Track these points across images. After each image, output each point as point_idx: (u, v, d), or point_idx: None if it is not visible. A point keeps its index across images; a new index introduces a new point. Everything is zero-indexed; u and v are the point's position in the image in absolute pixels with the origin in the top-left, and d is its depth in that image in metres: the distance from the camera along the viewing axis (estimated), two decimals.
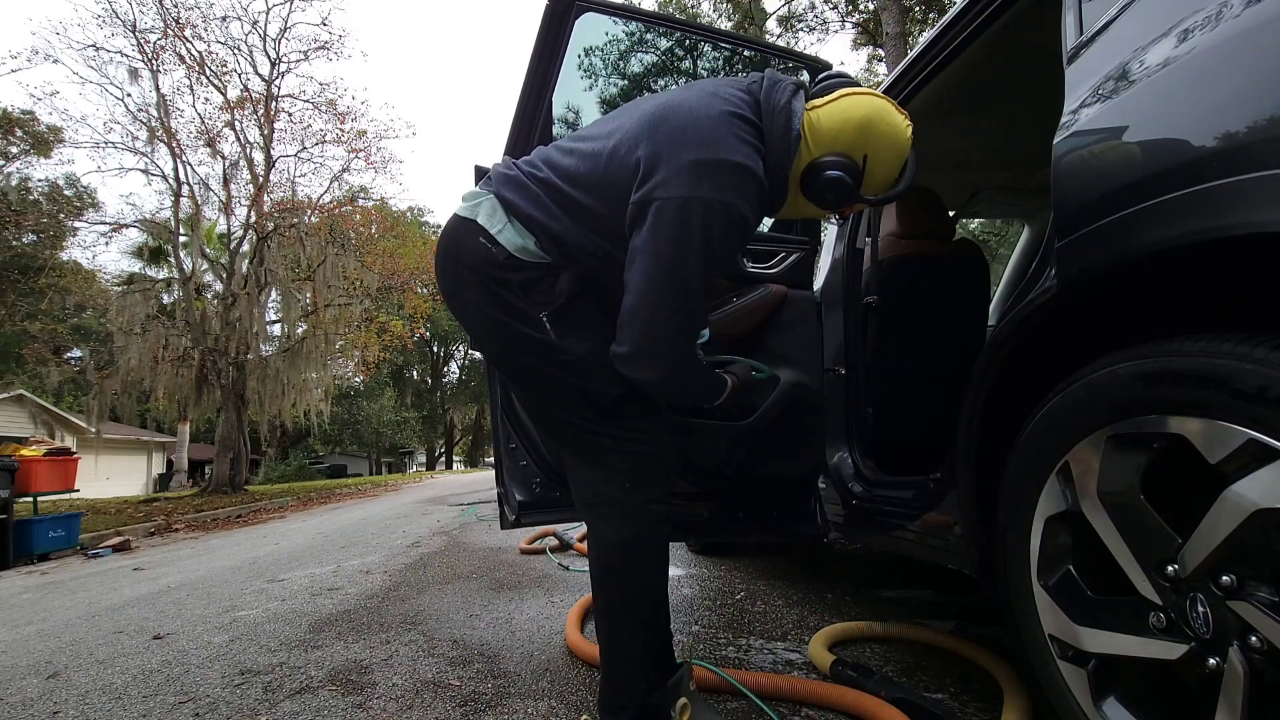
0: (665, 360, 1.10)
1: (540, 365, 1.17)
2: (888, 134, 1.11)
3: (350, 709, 1.47)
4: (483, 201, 1.18)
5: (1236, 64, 0.74)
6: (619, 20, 1.85)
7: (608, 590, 1.18)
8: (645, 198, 1.05)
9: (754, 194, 1.07)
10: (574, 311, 1.17)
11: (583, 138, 1.19)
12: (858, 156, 1.11)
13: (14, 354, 16.45)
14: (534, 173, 1.18)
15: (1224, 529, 0.72)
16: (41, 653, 2.21)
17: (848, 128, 1.11)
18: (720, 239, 1.05)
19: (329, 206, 12.61)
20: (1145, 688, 0.88)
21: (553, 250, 1.15)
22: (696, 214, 1.02)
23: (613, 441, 1.17)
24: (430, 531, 4.95)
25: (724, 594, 2.36)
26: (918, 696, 1.27)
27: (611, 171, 1.10)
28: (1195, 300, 0.95)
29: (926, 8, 12.56)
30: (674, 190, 1.03)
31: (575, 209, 1.13)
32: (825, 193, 1.12)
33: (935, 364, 1.99)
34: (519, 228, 1.15)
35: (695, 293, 1.08)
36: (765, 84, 1.14)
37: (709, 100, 1.09)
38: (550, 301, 1.15)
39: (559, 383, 1.18)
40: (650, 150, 1.06)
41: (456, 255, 1.18)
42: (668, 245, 1.04)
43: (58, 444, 6.59)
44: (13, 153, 15.46)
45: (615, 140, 1.11)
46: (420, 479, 17.25)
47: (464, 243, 1.17)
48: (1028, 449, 1.02)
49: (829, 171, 1.10)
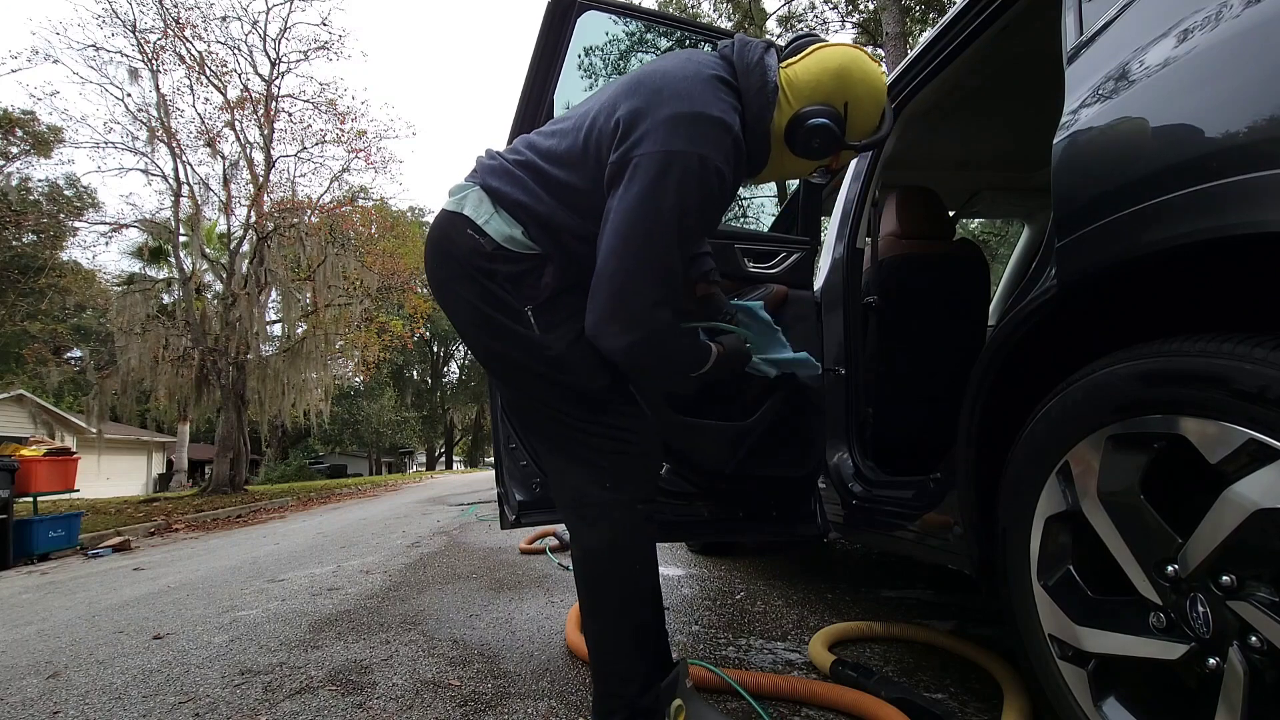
0: (636, 327, 1.05)
1: (525, 361, 1.16)
2: (864, 80, 1.13)
3: (350, 709, 1.47)
4: (469, 193, 1.17)
5: (1236, 64, 0.74)
6: (620, 20, 1.85)
7: (594, 594, 1.17)
8: (622, 157, 1.04)
9: (730, 150, 1.06)
10: (558, 306, 1.15)
11: (563, 119, 1.20)
12: (838, 104, 1.12)
13: (14, 354, 16.44)
14: (516, 158, 1.18)
15: (1224, 529, 0.72)
16: (41, 653, 2.21)
17: (824, 77, 1.12)
18: (695, 194, 1.03)
19: (329, 206, 12.61)
20: (1145, 688, 0.88)
21: (541, 238, 1.14)
22: (673, 167, 1.01)
23: (597, 439, 1.16)
24: (430, 531, 4.95)
25: (724, 594, 2.36)
26: (918, 696, 1.27)
27: (591, 141, 1.10)
28: (1195, 300, 0.95)
29: (926, 8, 12.56)
30: (650, 146, 1.02)
31: (558, 188, 1.13)
32: (812, 140, 1.12)
33: (935, 364, 1.99)
34: (506, 217, 1.14)
35: (668, 252, 1.05)
36: (736, 45, 1.16)
37: (684, 63, 1.11)
38: (535, 296, 1.14)
39: (543, 379, 1.16)
40: (627, 110, 1.06)
41: (445, 249, 1.17)
42: (640, 201, 1.02)
43: (58, 444, 6.59)
44: (13, 153, 15.46)
45: (593, 112, 1.11)
46: (420, 479, 17.25)
47: (452, 235, 1.16)
48: (1028, 449, 1.02)
49: (812, 120, 1.11)
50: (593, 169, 1.10)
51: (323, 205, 12.55)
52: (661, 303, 1.06)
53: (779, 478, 1.81)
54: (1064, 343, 1.08)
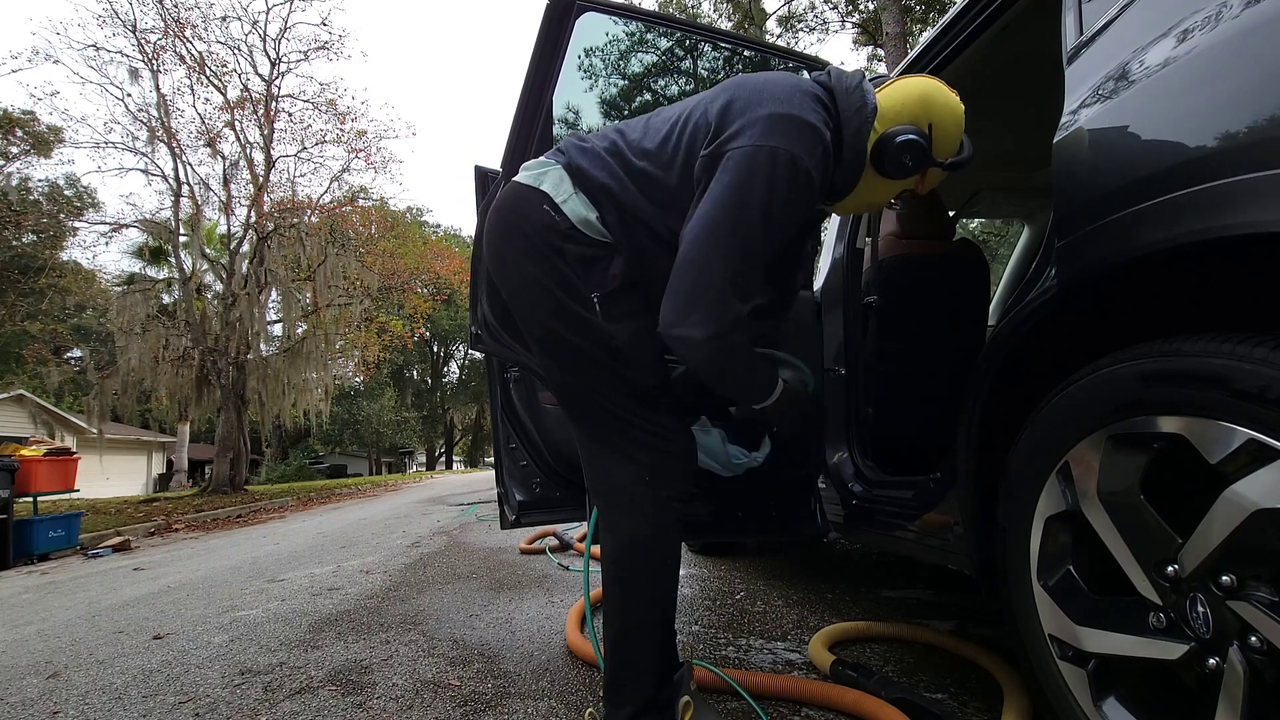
0: (714, 319, 1.04)
1: (583, 345, 1.15)
2: (945, 104, 1.16)
3: (350, 709, 1.47)
4: (549, 170, 1.18)
5: (1236, 64, 0.74)
6: (619, 20, 1.85)
7: (623, 586, 1.17)
8: (716, 150, 1.07)
9: (820, 158, 1.09)
10: (623, 300, 1.16)
11: (654, 116, 1.23)
12: (923, 125, 1.15)
13: (14, 354, 16.44)
14: (606, 145, 1.20)
15: (1224, 529, 0.72)
16: (41, 653, 2.21)
17: (909, 102, 1.16)
18: (785, 190, 1.05)
19: (329, 206, 12.61)
20: (1145, 688, 0.88)
21: (615, 226, 1.16)
22: (763, 161, 1.03)
23: (642, 435, 1.16)
24: (430, 531, 4.95)
25: (724, 594, 2.36)
26: (918, 696, 1.27)
27: (684, 137, 1.13)
28: (1195, 300, 0.95)
29: (926, 8, 12.56)
30: (746, 140, 1.05)
31: (644, 179, 1.15)
32: (902, 156, 1.14)
33: (935, 364, 1.99)
34: (584, 199, 1.16)
35: (753, 249, 1.06)
36: (833, 73, 1.20)
37: (786, 76, 1.17)
38: (604, 284, 1.15)
39: (600, 366, 1.16)
40: (725, 108, 1.10)
41: (515, 221, 1.18)
42: (732, 191, 1.04)
43: (58, 444, 6.59)
44: (13, 153, 15.45)
45: (688, 110, 1.16)
46: (420, 479, 17.25)
47: (526, 210, 1.17)
48: (1028, 449, 1.02)
49: (901, 136, 1.14)
50: (681, 165, 1.13)
51: (323, 205, 12.55)
52: (742, 297, 1.07)
53: (779, 478, 1.81)
54: (1064, 343, 1.08)
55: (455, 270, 13.96)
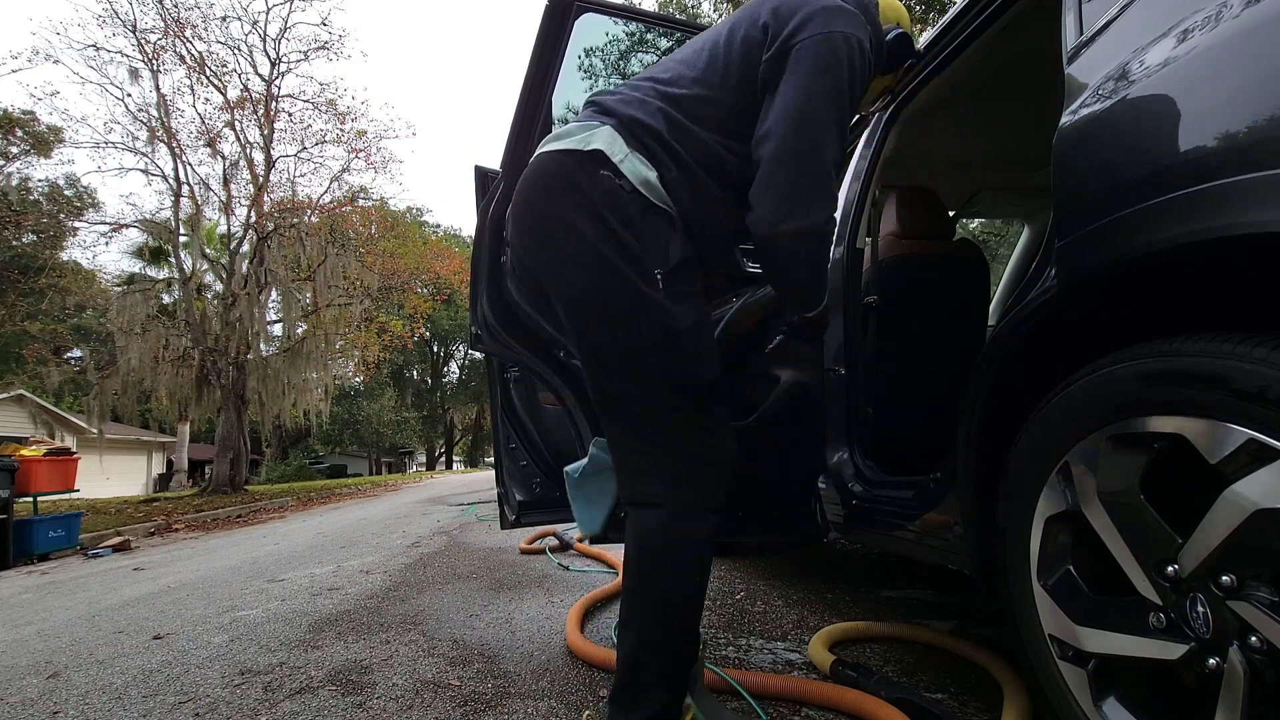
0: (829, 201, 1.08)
1: (637, 320, 1.06)
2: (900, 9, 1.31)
3: (350, 709, 1.47)
4: (597, 130, 1.11)
5: (1236, 64, 0.74)
6: (619, 20, 1.85)
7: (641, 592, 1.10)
8: (781, 48, 1.08)
9: (870, 47, 1.14)
10: (682, 279, 1.10)
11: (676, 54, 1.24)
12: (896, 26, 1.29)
13: (14, 354, 16.44)
14: (649, 90, 1.17)
15: (1224, 529, 0.72)
16: (41, 653, 2.21)
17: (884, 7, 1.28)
18: (860, 70, 1.10)
19: (329, 206, 12.61)
20: (1145, 688, 0.88)
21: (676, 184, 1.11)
22: (839, 44, 1.07)
23: (681, 429, 1.08)
24: (430, 531, 4.95)
25: (724, 594, 2.36)
26: (918, 696, 1.27)
27: (734, 54, 1.13)
28: (1195, 300, 0.95)
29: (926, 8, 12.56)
30: (813, 30, 1.07)
31: (702, 107, 1.13)
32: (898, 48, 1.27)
33: (935, 364, 1.99)
34: (641, 159, 1.10)
35: (845, 128, 1.09)
36: None
37: None
38: (665, 261, 1.09)
39: (655, 346, 1.07)
40: (773, 10, 1.11)
41: (561, 186, 1.09)
42: (816, 77, 1.06)
43: (58, 444, 6.59)
44: (13, 153, 15.45)
45: (726, 30, 1.16)
46: (420, 479, 17.25)
47: (576, 176, 1.08)
48: (1028, 449, 1.02)
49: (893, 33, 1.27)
50: (739, 78, 1.13)
51: (323, 205, 12.56)
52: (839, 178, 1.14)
53: (779, 478, 1.81)
54: (1064, 343, 1.08)
55: (455, 270, 13.98)
